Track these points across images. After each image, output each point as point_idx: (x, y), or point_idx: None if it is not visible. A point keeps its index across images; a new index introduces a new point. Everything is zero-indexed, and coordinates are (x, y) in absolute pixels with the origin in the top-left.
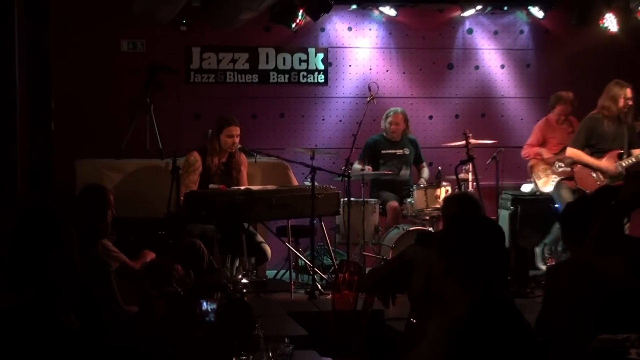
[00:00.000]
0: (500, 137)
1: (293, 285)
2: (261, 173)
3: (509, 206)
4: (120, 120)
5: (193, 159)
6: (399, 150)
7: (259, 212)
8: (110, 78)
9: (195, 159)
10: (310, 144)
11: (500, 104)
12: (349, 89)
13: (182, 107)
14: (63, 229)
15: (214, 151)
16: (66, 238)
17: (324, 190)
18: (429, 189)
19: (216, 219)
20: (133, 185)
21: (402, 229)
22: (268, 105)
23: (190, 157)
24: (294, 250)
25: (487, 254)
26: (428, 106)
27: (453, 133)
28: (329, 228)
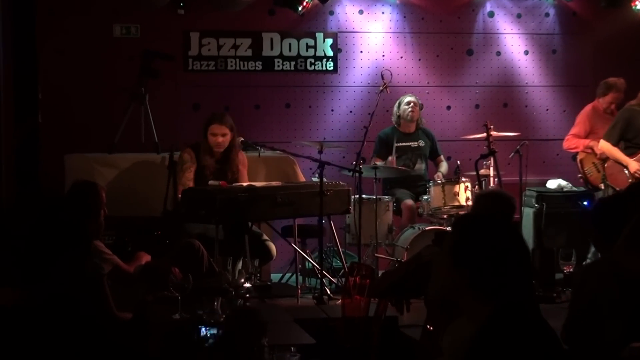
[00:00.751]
0: (524, 129)
1: (300, 289)
2: (265, 168)
3: (534, 204)
4: (112, 112)
5: (187, 157)
6: (413, 143)
7: (262, 211)
8: (102, 66)
9: (188, 156)
10: (318, 136)
11: (523, 93)
12: (360, 77)
13: (180, 97)
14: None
15: (205, 150)
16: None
17: (333, 186)
18: (446, 185)
19: (217, 217)
20: (127, 182)
21: (417, 229)
22: (272, 94)
23: (183, 154)
24: (300, 251)
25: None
26: (446, 96)
27: (473, 125)
28: (338, 228)
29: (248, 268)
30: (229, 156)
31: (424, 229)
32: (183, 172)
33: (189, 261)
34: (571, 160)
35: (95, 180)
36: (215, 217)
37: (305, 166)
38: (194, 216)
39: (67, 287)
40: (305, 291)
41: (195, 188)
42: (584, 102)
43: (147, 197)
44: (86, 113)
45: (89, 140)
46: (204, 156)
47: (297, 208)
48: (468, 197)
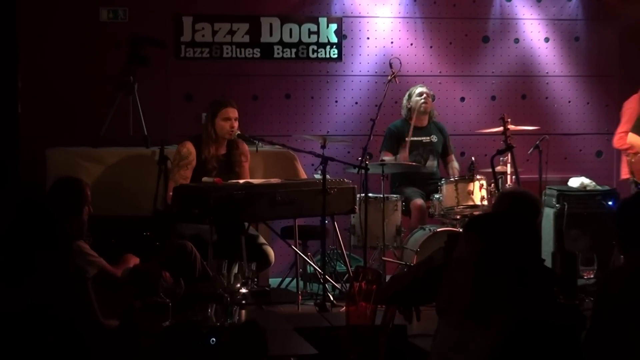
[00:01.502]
0: (544, 122)
1: (300, 295)
2: (263, 164)
3: (554, 203)
4: (98, 102)
5: (186, 152)
6: (425, 138)
7: (260, 210)
8: (87, 53)
9: (188, 151)
10: (321, 130)
11: (543, 83)
12: (367, 65)
13: (172, 86)
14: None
15: (209, 140)
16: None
17: (337, 184)
18: (460, 183)
19: (211, 217)
20: (114, 178)
21: (428, 230)
22: (272, 84)
23: (182, 148)
24: (301, 254)
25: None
26: (459, 86)
27: (489, 118)
28: (342, 229)
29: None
30: (235, 147)
31: (435, 230)
32: (179, 168)
33: (181, 264)
34: (595, 157)
35: (80, 176)
36: (209, 216)
37: (307, 162)
38: (186, 216)
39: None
40: (306, 297)
41: (187, 185)
42: (609, 93)
43: (135, 195)
44: (70, 103)
45: (73, 133)
46: (208, 148)
47: (297, 207)
48: (483, 196)
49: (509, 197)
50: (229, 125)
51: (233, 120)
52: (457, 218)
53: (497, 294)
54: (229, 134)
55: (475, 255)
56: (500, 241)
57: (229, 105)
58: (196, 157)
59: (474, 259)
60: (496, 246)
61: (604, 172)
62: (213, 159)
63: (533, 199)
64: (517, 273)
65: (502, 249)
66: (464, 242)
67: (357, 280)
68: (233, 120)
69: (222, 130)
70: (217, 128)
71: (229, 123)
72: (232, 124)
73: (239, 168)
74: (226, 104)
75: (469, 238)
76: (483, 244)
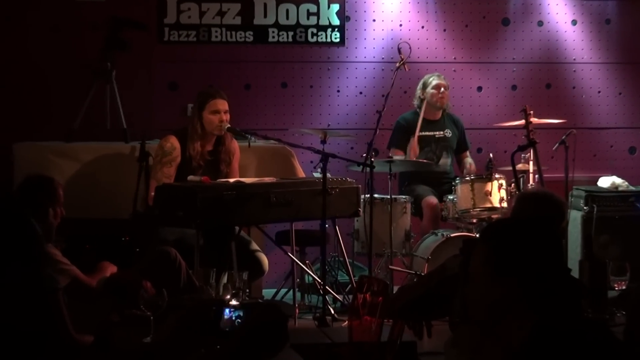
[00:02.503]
0: (571, 115)
1: (298, 308)
2: (256, 161)
3: (582, 206)
4: (72, 92)
5: (170, 147)
6: (438, 132)
7: (253, 213)
8: (59, 36)
9: (172, 146)
10: (321, 123)
11: (570, 71)
12: (373, 51)
13: (154, 74)
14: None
15: (195, 135)
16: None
17: (339, 183)
18: (476, 183)
19: (197, 220)
20: (89, 177)
21: (441, 236)
22: (266, 72)
23: (165, 143)
24: (298, 262)
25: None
26: (476, 74)
27: (509, 110)
28: (345, 234)
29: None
30: (223, 143)
31: (449, 235)
32: (162, 165)
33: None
34: (628, 154)
35: (51, 173)
36: (195, 219)
37: (306, 159)
38: (169, 219)
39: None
40: (304, 310)
41: (171, 185)
42: None
43: (113, 195)
44: (40, 93)
45: (43, 126)
46: (194, 144)
47: (294, 210)
48: (502, 197)
49: (529, 200)
50: (218, 119)
51: (222, 113)
52: (473, 222)
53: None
54: (218, 129)
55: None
56: (508, 246)
57: (218, 97)
58: (181, 154)
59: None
60: (503, 251)
61: (638, 171)
62: (199, 156)
63: (557, 201)
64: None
65: (509, 253)
66: (476, 256)
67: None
68: (223, 113)
69: (210, 124)
70: (204, 122)
71: (218, 116)
72: (221, 117)
73: (226, 167)
74: (215, 95)
75: (479, 251)
76: (491, 252)
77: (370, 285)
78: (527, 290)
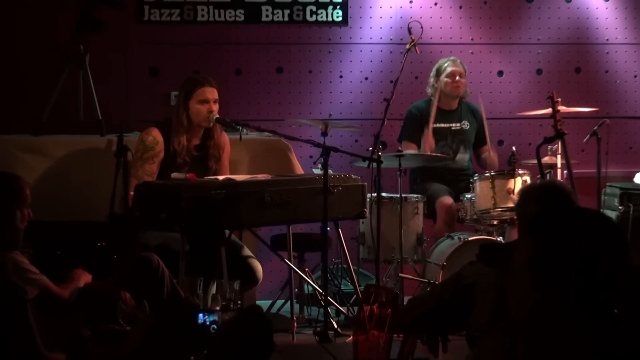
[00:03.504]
0: (604, 102)
1: (296, 322)
2: (249, 156)
3: (617, 205)
4: (40, 78)
5: (152, 141)
6: (455, 124)
7: (245, 214)
8: (25, 15)
9: (154, 140)
10: (321, 112)
11: (603, 53)
12: (379, 31)
13: (132, 58)
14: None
15: (180, 127)
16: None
17: (343, 181)
18: (497, 180)
19: (182, 223)
20: (60, 174)
21: (457, 239)
22: (259, 55)
23: (147, 136)
24: (297, 270)
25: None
26: (496, 57)
27: (533, 97)
28: (349, 238)
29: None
30: (211, 137)
31: (466, 239)
32: (143, 161)
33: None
34: None
35: (17, 171)
36: (180, 222)
37: (304, 153)
38: (151, 221)
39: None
40: (303, 324)
41: (153, 183)
42: None
43: (87, 195)
44: (3, 80)
45: (8, 117)
46: (179, 137)
47: (292, 211)
48: None
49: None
50: (207, 109)
51: (212, 103)
52: (493, 224)
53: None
54: (206, 121)
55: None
56: (556, 242)
57: (207, 84)
58: (164, 148)
59: (525, 266)
60: (549, 249)
61: None
62: (185, 151)
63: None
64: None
65: (558, 250)
66: (522, 247)
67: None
68: (212, 102)
69: (197, 115)
70: (191, 112)
71: (206, 106)
72: (210, 107)
73: (215, 163)
74: (203, 82)
75: (526, 243)
76: (537, 247)
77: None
78: (573, 304)
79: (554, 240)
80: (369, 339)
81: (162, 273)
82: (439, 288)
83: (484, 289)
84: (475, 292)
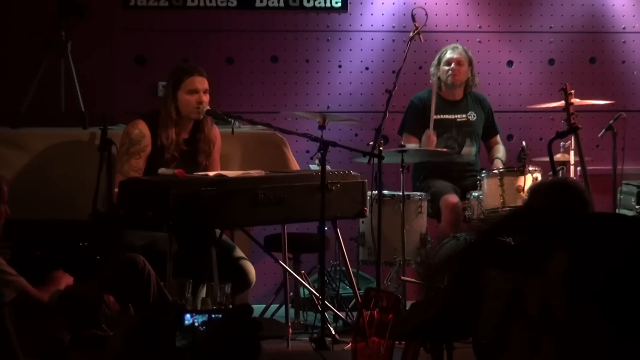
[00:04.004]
0: (620, 94)
1: (291, 327)
2: (241, 151)
3: (634, 204)
4: (19, 67)
5: (138, 134)
6: (461, 116)
7: (237, 213)
8: (2, 1)
9: (141, 133)
10: (319, 104)
11: (619, 42)
12: (381, 18)
13: (118, 46)
14: None
15: (169, 120)
16: None
17: (341, 177)
18: (506, 177)
19: (170, 222)
20: (40, 169)
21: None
22: (253, 43)
23: (132, 129)
24: (292, 272)
25: None
26: (506, 46)
27: (545, 89)
28: (347, 238)
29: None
30: (202, 130)
31: None
32: (128, 156)
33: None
34: None
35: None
36: (167, 221)
37: (301, 148)
38: (137, 220)
39: None
40: (299, 330)
41: (139, 179)
42: None
43: (68, 192)
44: None
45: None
46: (167, 131)
47: (287, 209)
48: None
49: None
50: (196, 100)
51: (201, 93)
52: None
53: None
54: (196, 112)
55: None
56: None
57: (197, 74)
58: (151, 142)
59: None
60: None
61: None
62: (173, 145)
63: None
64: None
65: (594, 268)
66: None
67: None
68: (202, 93)
69: (186, 106)
70: (180, 104)
71: (196, 97)
72: (200, 97)
73: (205, 159)
74: (192, 71)
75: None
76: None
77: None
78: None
79: (592, 254)
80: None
81: (148, 275)
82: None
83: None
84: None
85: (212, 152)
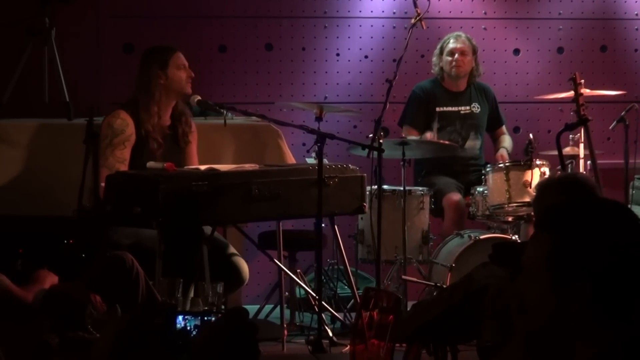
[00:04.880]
0: (632, 84)
1: (287, 329)
2: (235, 143)
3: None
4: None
5: (120, 124)
6: (464, 108)
7: (230, 209)
8: None
9: (123, 122)
10: (316, 94)
11: (632, 29)
12: (381, 3)
13: (104, 33)
14: None
15: (152, 103)
16: None
17: (339, 171)
18: (512, 171)
19: (159, 218)
20: (22, 163)
21: (467, 238)
22: (246, 30)
23: (114, 120)
24: (287, 271)
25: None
26: (512, 34)
27: (553, 78)
28: (346, 235)
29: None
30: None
31: (478, 238)
32: (113, 148)
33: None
34: None
35: None
36: (157, 217)
37: (297, 140)
38: (124, 216)
39: None
40: (294, 332)
41: (126, 173)
42: None
43: (52, 187)
44: None
45: None
46: (150, 116)
47: (282, 205)
48: None
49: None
50: (187, 75)
51: (188, 69)
52: (507, 220)
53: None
54: (189, 87)
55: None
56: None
57: (177, 50)
58: (135, 131)
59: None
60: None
61: None
62: (158, 130)
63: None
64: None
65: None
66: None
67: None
68: (188, 68)
69: (179, 82)
70: (172, 81)
71: (186, 72)
72: (189, 72)
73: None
74: (173, 48)
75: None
76: (556, 246)
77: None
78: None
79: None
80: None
81: (137, 274)
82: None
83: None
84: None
85: (190, 141)
